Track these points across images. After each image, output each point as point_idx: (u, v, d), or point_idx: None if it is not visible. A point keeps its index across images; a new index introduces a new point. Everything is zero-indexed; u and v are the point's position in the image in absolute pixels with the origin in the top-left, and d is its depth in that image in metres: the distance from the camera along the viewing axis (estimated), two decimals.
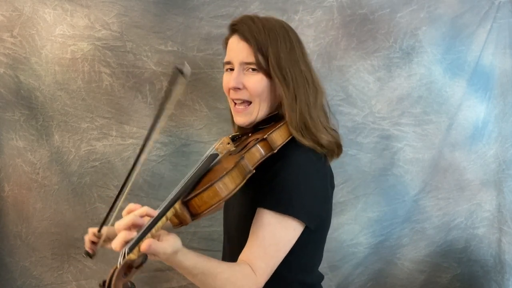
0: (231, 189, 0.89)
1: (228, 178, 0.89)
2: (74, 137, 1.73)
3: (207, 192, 0.87)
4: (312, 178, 1.05)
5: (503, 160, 1.86)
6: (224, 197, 0.88)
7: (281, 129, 1.07)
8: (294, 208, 0.99)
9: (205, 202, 0.87)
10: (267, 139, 1.03)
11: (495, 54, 1.81)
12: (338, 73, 1.76)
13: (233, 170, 0.90)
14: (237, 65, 1.12)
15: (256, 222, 1.00)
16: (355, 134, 1.80)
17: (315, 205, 1.05)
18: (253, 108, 1.12)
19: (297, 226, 1.00)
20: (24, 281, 1.79)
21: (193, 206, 0.88)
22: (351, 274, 1.87)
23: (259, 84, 1.11)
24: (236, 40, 1.13)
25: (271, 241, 0.98)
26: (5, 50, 1.68)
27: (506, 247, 1.87)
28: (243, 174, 0.93)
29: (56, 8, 1.67)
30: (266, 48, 1.09)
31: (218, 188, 0.87)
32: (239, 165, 0.92)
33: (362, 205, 1.84)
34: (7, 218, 1.77)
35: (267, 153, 1.03)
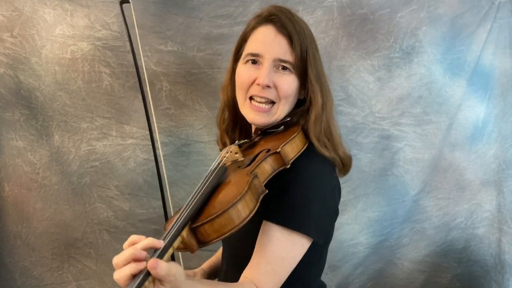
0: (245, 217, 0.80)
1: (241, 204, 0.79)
2: (74, 137, 1.73)
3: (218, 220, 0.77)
4: (324, 193, 0.98)
5: (503, 160, 1.86)
6: (237, 225, 0.78)
7: (295, 140, 0.98)
8: (305, 225, 0.93)
9: (215, 230, 0.78)
10: (280, 153, 0.93)
11: (495, 54, 1.81)
12: (338, 73, 1.76)
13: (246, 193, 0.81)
14: (269, 60, 1.00)
15: (263, 237, 0.94)
16: (355, 134, 1.79)
17: (325, 221, 0.99)
18: (276, 109, 1.03)
19: (305, 242, 0.95)
20: (24, 281, 1.79)
21: (201, 234, 0.78)
22: (351, 274, 1.87)
23: (292, 86, 1.02)
24: (272, 32, 1.01)
25: (279, 257, 0.92)
26: (5, 50, 1.68)
27: (506, 247, 1.87)
28: (256, 196, 0.84)
29: (56, 8, 1.67)
30: (305, 50, 1.00)
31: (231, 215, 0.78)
32: (252, 186, 0.83)
33: (362, 205, 1.84)
34: (7, 218, 1.77)
35: (279, 167, 0.94)
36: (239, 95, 1.07)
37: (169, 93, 1.73)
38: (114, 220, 1.77)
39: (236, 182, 0.86)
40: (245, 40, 1.07)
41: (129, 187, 1.75)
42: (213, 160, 1.78)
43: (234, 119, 1.17)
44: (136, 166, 1.76)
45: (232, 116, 1.16)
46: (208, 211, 0.80)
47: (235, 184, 0.86)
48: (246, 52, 1.05)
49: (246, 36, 1.07)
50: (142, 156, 1.75)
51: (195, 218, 0.79)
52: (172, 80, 1.73)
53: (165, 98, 1.74)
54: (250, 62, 1.03)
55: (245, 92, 1.04)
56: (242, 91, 1.05)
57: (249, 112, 1.05)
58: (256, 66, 1.02)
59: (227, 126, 1.18)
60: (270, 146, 0.96)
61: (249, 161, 0.94)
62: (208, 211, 0.79)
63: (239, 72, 1.06)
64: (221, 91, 1.18)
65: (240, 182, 0.84)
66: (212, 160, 1.76)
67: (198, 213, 0.80)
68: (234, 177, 0.90)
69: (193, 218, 0.79)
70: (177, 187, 1.78)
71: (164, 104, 1.74)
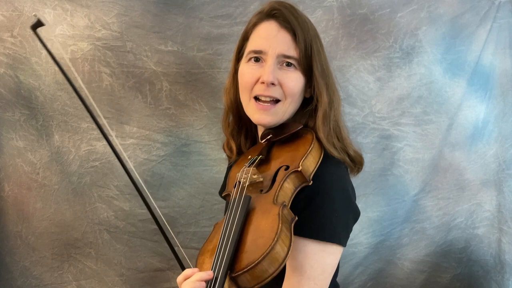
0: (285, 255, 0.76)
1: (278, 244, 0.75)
2: (74, 137, 1.73)
3: (259, 267, 0.74)
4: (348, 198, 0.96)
5: (503, 160, 1.86)
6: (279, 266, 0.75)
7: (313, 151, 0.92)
8: (338, 235, 0.93)
9: (257, 277, 0.75)
10: (301, 171, 0.88)
11: (495, 54, 1.81)
12: (338, 73, 1.76)
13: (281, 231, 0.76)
14: (273, 56, 0.96)
15: (297, 253, 0.90)
16: (355, 134, 1.79)
17: (350, 225, 0.99)
18: (281, 107, 0.99)
19: (339, 250, 0.96)
20: (24, 281, 1.79)
21: (242, 281, 0.76)
22: (351, 274, 1.87)
23: (298, 83, 0.98)
24: (275, 28, 0.97)
25: (320, 271, 0.91)
26: (5, 50, 1.68)
27: (506, 247, 1.87)
28: (289, 227, 0.80)
29: (56, 8, 1.67)
30: (310, 45, 0.96)
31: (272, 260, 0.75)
32: (283, 218, 0.79)
33: (362, 205, 1.84)
34: (7, 218, 1.77)
35: (301, 184, 0.90)
36: (243, 96, 1.03)
37: (169, 93, 1.73)
38: (114, 220, 1.77)
39: (265, 213, 0.82)
40: (246, 38, 1.04)
41: (129, 187, 1.75)
42: (213, 160, 1.79)
43: (238, 122, 1.14)
44: (136, 166, 1.75)
45: (236, 119, 1.13)
46: (246, 256, 0.77)
47: (264, 217, 0.81)
48: (248, 49, 1.01)
49: (247, 33, 1.03)
50: (142, 156, 1.75)
51: (232, 266, 0.77)
52: (172, 80, 1.72)
53: (165, 98, 1.74)
54: (253, 60, 0.99)
55: (249, 92, 1.00)
56: (246, 91, 1.01)
57: (254, 112, 1.01)
58: (259, 64, 0.99)
59: (232, 130, 1.15)
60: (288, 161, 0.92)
61: (269, 182, 0.90)
62: (246, 257, 0.77)
63: (242, 72, 1.02)
64: (224, 94, 1.14)
65: (270, 215, 0.80)
66: (212, 160, 1.78)
67: (234, 260, 0.78)
68: (260, 205, 0.85)
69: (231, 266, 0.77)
70: (177, 187, 1.78)
71: (164, 104, 1.74)
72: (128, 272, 1.79)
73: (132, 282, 1.80)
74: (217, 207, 1.71)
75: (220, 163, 1.75)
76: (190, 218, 1.79)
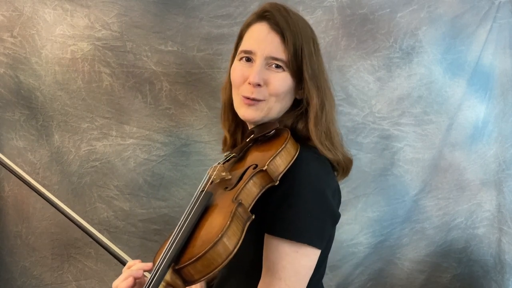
0: (231, 251, 0.76)
1: (225, 239, 0.76)
2: (74, 137, 1.73)
3: (201, 261, 0.75)
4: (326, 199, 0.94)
5: (503, 160, 1.86)
6: (223, 261, 0.76)
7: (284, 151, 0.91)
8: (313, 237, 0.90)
9: (199, 271, 0.76)
10: (266, 171, 0.87)
11: (495, 54, 1.81)
12: (338, 73, 1.76)
13: (229, 227, 0.76)
14: (261, 58, 0.98)
15: (270, 253, 0.90)
16: (355, 134, 1.79)
17: (329, 228, 0.97)
18: (264, 105, 0.99)
19: (315, 253, 0.92)
20: (24, 281, 1.79)
21: (186, 275, 0.77)
22: (351, 274, 1.87)
23: (284, 84, 0.99)
24: (265, 29, 0.99)
25: (292, 272, 0.89)
26: (5, 50, 1.68)
27: (506, 247, 1.87)
28: (241, 225, 0.79)
29: (56, 8, 1.67)
30: (300, 48, 0.97)
31: (215, 254, 0.75)
32: (235, 216, 0.78)
33: (362, 205, 1.84)
34: (7, 218, 1.77)
35: (266, 185, 0.88)
36: (234, 93, 1.05)
37: (169, 93, 1.73)
38: (114, 220, 1.77)
39: (220, 210, 0.83)
40: (241, 38, 1.05)
41: (129, 187, 1.75)
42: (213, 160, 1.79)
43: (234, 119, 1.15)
44: (136, 166, 1.76)
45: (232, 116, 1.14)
46: (191, 250, 0.77)
47: (218, 214, 0.82)
48: (240, 49, 1.03)
49: (242, 33, 1.05)
50: (142, 156, 1.75)
51: (178, 258, 0.77)
52: (172, 80, 1.73)
53: (165, 98, 1.74)
54: (244, 60, 1.01)
55: (237, 89, 1.03)
56: (235, 88, 1.03)
57: (240, 106, 1.02)
58: (250, 64, 1.00)
59: (229, 126, 1.16)
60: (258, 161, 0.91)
61: (236, 180, 0.90)
62: (191, 251, 0.77)
63: (233, 68, 1.04)
64: (221, 92, 1.16)
65: (223, 212, 0.80)
66: (212, 160, 1.78)
67: (182, 252, 0.78)
68: (220, 202, 0.86)
69: (176, 258, 0.77)
70: (177, 187, 1.78)
71: (164, 104, 1.74)
72: None
73: None
74: None
75: None
76: None
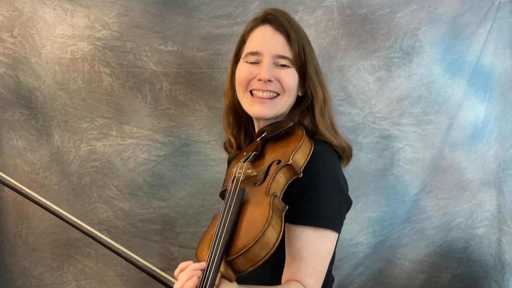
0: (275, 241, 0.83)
1: (269, 230, 0.82)
2: (74, 137, 1.73)
3: (252, 251, 0.81)
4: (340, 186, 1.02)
5: (503, 160, 1.86)
6: (270, 250, 0.82)
7: (303, 146, 0.99)
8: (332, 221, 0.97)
9: (250, 260, 0.82)
10: (291, 164, 0.95)
11: (495, 54, 1.81)
12: (338, 73, 1.76)
13: (272, 218, 0.83)
14: (269, 57, 1.04)
15: (295, 241, 0.96)
16: (355, 134, 1.79)
17: (342, 211, 1.05)
18: (279, 101, 1.06)
19: (334, 236, 1.00)
20: (24, 281, 1.79)
21: (237, 265, 0.83)
22: (351, 274, 1.87)
23: (294, 79, 1.06)
24: (270, 31, 1.05)
25: (317, 257, 0.96)
26: (5, 50, 1.68)
27: (506, 247, 1.87)
28: (279, 215, 0.86)
29: (56, 8, 1.67)
30: (302, 47, 1.05)
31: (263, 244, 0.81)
32: (274, 207, 0.86)
33: (362, 205, 1.84)
34: (7, 218, 1.77)
35: (292, 177, 0.96)
36: (238, 90, 1.10)
37: (169, 93, 1.73)
38: (114, 220, 1.77)
39: (258, 204, 0.89)
40: (243, 42, 1.10)
41: (129, 187, 1.75)
42: (213, 160, 1.79)
43: (238, 122, 1.20)
44: (136, 166, 1.76)
45: (236, 119, 1.20)
46: (240, 242, 0.83)
47: (257, 207, 0.88)
48: (245, 52, 1.08)
49: (244, 38, 1.10)
50: (142, 156, 1.75)
51: (228, 251, 0.84)
52: (172, 80, 1.73)
53: (165, 98, 1.74)
54: (250, 61, 1.06)
55: (245, 86, 1.07)
56: (241, 86, 1.07)
57: (250, 105, 1.07)
58: (256, 65, 1.05)
59: (232, 129, 1.21)
60: (280, 156, 0.98)
61: (263, 175, 0.97)
62: (240, 242, 0.83)
63: (239, 69, 1.08)
64: (223, 97, 1.20)
65: (262, 205, 0.87)
66: (212, 160, 1.78)
67: (230, 245, 0.84)
68: (253, 197, 0.92)
69: (226, 251, 0.83)
70: (177, 187, 1.78)
71: (164, 104, 1.74)
72: (128, 272, 1.79)
73: (132, 282, 1.80)
74: (217, 207, 1.71)
75: (220, 163, 1.75)
76: (190, 218, 1.79)
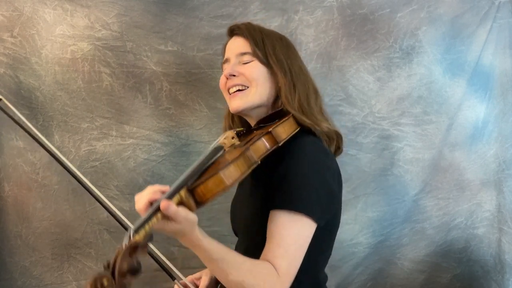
0: (236, 177, 0.90)
1: (233, 166, 0.90)
2: (74, 137, 1.73)
3: (212, 180, 0.87)
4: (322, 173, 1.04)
5: (503, 160, 1.86)
6: (229, 185, 0.88)
7: (286, 123, 1.07)
8: (307, 206, 0.98)
9: (210, 190, 0.87)
10: (272, 132, 1.03)
11: (495, 54, 1.81)
12: (338, 73, 1.76)
13: (238, 159, 0.91)
14: (233, 57, 1.16)
15: (271, 224, 0.99)
16: (355, 134, 1.79)
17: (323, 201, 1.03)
18: (249, 92, 1.13)
19: (311, 223, 0.99)
20: (24, 281, 1.79)
21: (198, 194, 0.88)
22: (351, 274, 1.87)
23: (255, 70, 1.13)
24: (233, 40, 1.19)
25: (291, 240, 0.97)
26: (5, 50, 1.68)
27: (506, 247, 1.87)
28: (248, 163, 0.94)
29: (56, 8, 1.67)
30: (261, 40, 1.14)
31: (223, 176, 0.87)
32: (244, 155, 0.93)
33: (362, 205, 1.84)
34: (7, 218, 1.77)
35: (272, 146, 1.02)
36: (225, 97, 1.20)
37: (169, 93, 1.73)
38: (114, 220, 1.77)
39: (230, 155, 0.96)
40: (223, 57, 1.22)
41: (129, 187, 1.75)
42: None
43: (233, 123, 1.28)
44: (136, 166, 1.76)
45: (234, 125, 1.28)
46: (204, 176, 0.89)
47: (228, 157, 0.95)
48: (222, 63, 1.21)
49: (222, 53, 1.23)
50: (142, 156, 1.75)
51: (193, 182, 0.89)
52: (172, 80, 1.73)
53: (165, 98, 1.74)
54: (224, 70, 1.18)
55: (224, 90, 1.18)
56: (223, 91, 1.19)
57: (229, 102, 1.17)
58: None
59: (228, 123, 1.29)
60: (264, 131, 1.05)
61: (244, 143, 1.03)
62: (204, 176, 0.89)
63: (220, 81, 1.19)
64: None
65: (234, 153, 0.95)
66: None
67: (196, 179, 0.90)
68: (229, 154, 0.99)
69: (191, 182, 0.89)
70: None
71: (164, 104, 1.74)
72: None
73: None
74: (217, 207, 1.71)
75: None
76: None
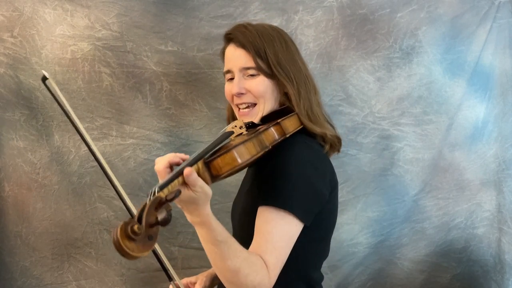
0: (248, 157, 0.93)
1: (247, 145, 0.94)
2: (74, 137, 1.73)
3: (227, 156, 0.91)
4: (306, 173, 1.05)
5: (503, 160, 1.86)
6: (241, 162, 0.92)
7: (292, 118, 1.11)
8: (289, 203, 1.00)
9: (225, 164, 0.91)
10: (280, 124, 1.07)
11: (495, 54, 1.81)
12: (338, 73, 1.77)
13: (251, 139, 0.96)
14: (237, 72, 1.16)
15: (258, 220, 1.02)
16: (355, 134, 1.80)
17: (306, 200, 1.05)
18: (258, 109, 1.16)
19: (297, 222, 1.02)
20: (24, 281, 1.79)
21: (214, 167, 0.92)
22: (351, 274, 1.87)
23: (262, 85, 1.15)
24: (232, 49, 1.17)
25: (278, 236, 0.99)
26: (5, 50, 1.68)
27: (506, 247, 1.87)
28: (260, 146, 0.98)
29: (56, 8, 1.67)
30: (263, 51, 1.13)
31: (239, 152, 0.92)
32: (257, 137, 0.97)
33: (362, 205, 1.84)
34: (7, 218, 1.77)
35: (280, 136, 1.06)
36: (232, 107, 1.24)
37: (169, 93, 1.73)
38: (115, 220, 1.77)
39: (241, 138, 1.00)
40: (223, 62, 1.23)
41: (129, 187, 1.75)
42: None
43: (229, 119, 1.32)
44: (136, 166, 1.76)
45: None
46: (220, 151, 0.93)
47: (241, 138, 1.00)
48: (223, 71, 1.22)
49: (222, 58, 1.24)
50: (142, 156, 1.76)
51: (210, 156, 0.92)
52: (172, 80, 1.73)
53: (165, 98, 1.74)
54: (228, 79, 1.20)
55: (232, 102, 1.22)
56: (230, 102, 1.23)
57: (239, 117, 1.20)
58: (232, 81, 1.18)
59: None
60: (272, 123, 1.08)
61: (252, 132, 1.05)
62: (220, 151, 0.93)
63: (225, 87, 1.22)
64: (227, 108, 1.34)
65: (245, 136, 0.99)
66: None
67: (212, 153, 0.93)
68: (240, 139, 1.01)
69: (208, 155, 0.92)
70: None
71: (164, 104, 1.74)
72: (128, 272, 1.79)
73: (132, 282, 1.80)
74: (217, 207, 1.71)
75: None
76: None
